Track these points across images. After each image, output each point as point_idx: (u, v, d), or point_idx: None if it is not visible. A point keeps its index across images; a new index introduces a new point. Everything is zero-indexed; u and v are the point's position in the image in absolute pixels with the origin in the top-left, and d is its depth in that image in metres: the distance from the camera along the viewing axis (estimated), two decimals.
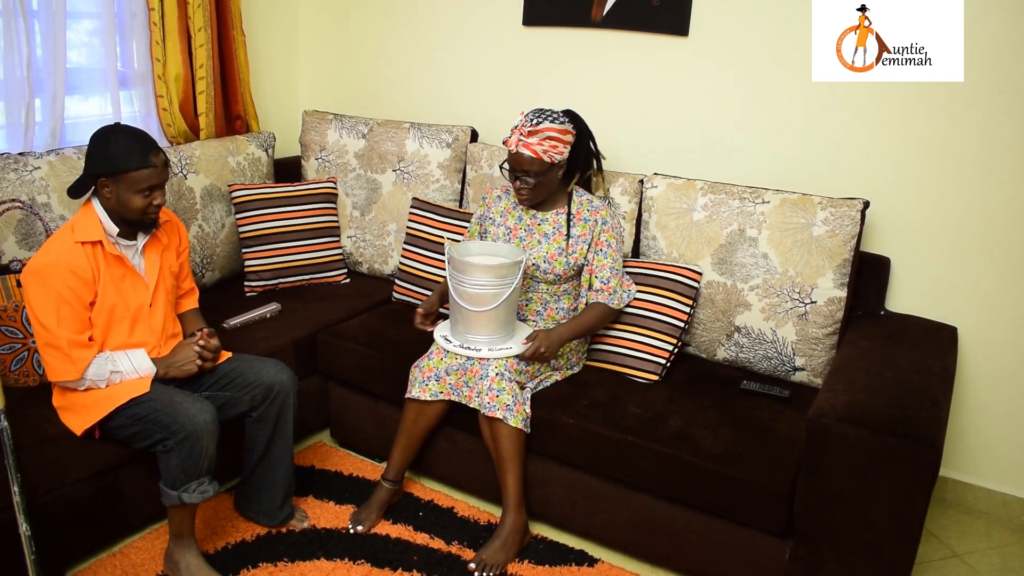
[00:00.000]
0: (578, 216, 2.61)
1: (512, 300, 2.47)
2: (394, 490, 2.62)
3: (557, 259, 2.60)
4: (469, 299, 2.45)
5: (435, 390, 2.51)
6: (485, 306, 2.43)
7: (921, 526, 1.95)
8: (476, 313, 2.45)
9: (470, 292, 2.44)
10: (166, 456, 2.11)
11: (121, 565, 2.31)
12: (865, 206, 2.50)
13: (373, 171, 3.35)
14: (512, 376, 2.42)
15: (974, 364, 2.69)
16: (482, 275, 2.42)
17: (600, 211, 2.61)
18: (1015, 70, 2.45)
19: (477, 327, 2.47)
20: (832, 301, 2.51)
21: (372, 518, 2.55)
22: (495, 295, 2.43)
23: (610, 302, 2.58)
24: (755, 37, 2.79)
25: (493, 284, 2.42)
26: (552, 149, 2.48)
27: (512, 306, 2.50)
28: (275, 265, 3.15)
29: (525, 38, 3.28)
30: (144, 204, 2.17)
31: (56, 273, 2.10)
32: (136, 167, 2.12)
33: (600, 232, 2.59)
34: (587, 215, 2.61)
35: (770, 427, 2.34)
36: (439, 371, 2.51)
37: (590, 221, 2.60)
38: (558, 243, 2.61)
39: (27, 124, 2.78)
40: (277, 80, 3.84)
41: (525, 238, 2.65)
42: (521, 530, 2.45)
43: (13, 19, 2.65)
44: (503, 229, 2.70)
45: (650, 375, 2.60)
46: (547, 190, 2.58)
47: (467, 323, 2.48)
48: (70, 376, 2.13)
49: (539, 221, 2.66)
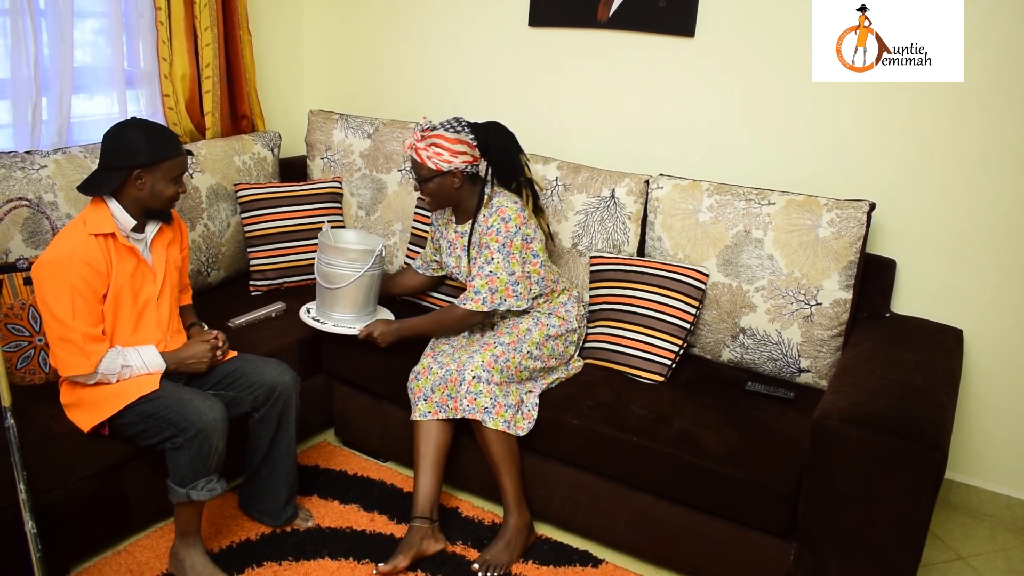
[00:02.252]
0: (484, 225, 2.56)
1: (363, 285, 2.68)
2: (425, 528, 2.39)
3: (463, 270, 2.66)
4: (324, 276, 2.71)
5: (424, 410, 2.50)
6: (335, 284, 2.67)
7: (926, 528, 1.95)
8: (329, 291, 2.70)
9: (323, 270, 2.69)
10: (175, 453, 2.12)
11: (126, 563, 2.31)
12: (871, 208, 2.50)
13: (378, 171, 3.35)
14: (490, 377, 2.40)
15: (979, 366, 2.69)
16: (334, 256, 2.68)
17: (492, 218, 2.54)
18: (1018, 70, 2.45)
19: (330, 304, 2.73)
20: (837, 303, 2.51)
21: (399, 561, 2.32)
22: (344, 276, 2.66)
23: (462, 303, 2.55)
24: (762, 38, 2.79)
25: (345, 266, 2.66)
26: (436, 156, 2.48)
27: (365, 291, 2.71)
28: (280, 264, 3.16)
29: (531, 38, 3.28)
30: (174, 192, 2.24)
31: (71, 265, 2.10)
32: (173, 155, 2.20)
33: (486, 238, 2.53)
34: (486, 224, 2.55)
35: (774, 428, 2.34)
36: (426, 391, 2.50)
37: (481, 228, 2.56)
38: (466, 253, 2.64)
39: (34, 123, 2.79)
40: (283, 80, 3.85)
41: (449, 251, 2.71)
42: (525, 529, 2.44)
43: (20, 18, 2.66)
44: (445, 242, 2.75)
45: (655, 376, 2.60)
46: (446, 198, 2.59)
47: (322, 299, 2.75)
48: (83, 370, 2.14)
49: (461, 234, 2.67)
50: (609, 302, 2.72)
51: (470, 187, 2.59)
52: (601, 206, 2.86)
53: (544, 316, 2.63)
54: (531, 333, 2.55)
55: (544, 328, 2.59)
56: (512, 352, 2.47)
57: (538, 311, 2.64)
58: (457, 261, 2.69)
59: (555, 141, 3.22)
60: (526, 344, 2.51)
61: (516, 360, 2.47)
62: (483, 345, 2.51)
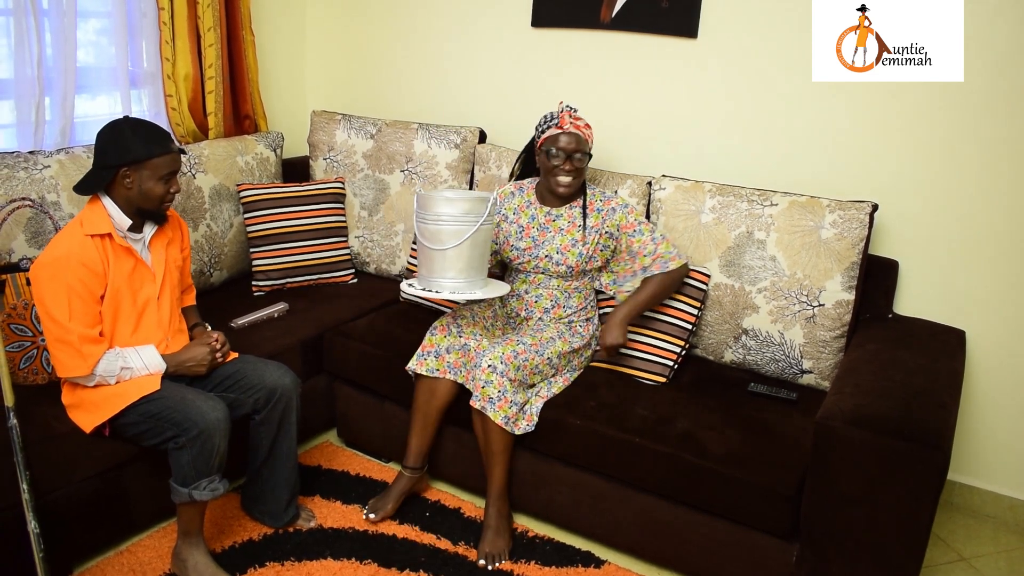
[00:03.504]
0: (591, 207, 2.61)
1: (478, 241, 2.37)
2: (415, 478, 2.62)
3: (571, 250, 2.59)
4: (430, 236, 2.36)
5: (432, 366, 2.52)
6: (444, 244, 2.34)
7: (928, 530, 1.95)
8: (438, 252, 2.35)
9: (431, 228, 2.35)
10: (177, 453, 2.12)
11: (128, 563, 2.32)
12: (874, 209, 2.49)
13: (381, 171, 3.35)
14: (505, 371, 2.40)
15: (982, 367, 2.68)
16: (443, 207, 2.33)
17: (613, 200, 2.63)
18: (1018, 71, 2.44)
19: (440, 270, 2.37)
20: (840, 304, 2.51)
21: (387, 508, 2.56)
22: (457, 232, 2.33)
23: (665, 267, 2.57)
24: (765, 39, 2.79)
25: (455, 219, 2.33)
26: (591, 137, 2.57)
27: (478, 249, 2.39)
28: (283, 265, 3.16)
29: (534, 39, 3.28)
30: (164, 191, 2.22)
31: (67, 266, 2.10)
32: (160, 153, 2.18)
33: (623, 217, 2.60)
34: (600, 205, 2.62)
35: (777, 429, 2.34)
36: (439, 348, 2.52)
37: (603, 211, 2.61)
38: (572, 235, 2.60)
39: (37, 123, 2.79)
40: (286, 80, 3.85)
41: (537, 237, 2.63)
42: (508, 516, 2.52)
43: (24, 18, 2.66)
44: (515, 227, 2.68)
45: (657, 377, 2.60)
46: (582, 178, 2.60)
47: (429, 265, 2.39)
48: (80, 372, 2.14)
49: (553, 217, 2.64)
50: (612, 305, 2.72)
51: None
52: None
53: (567, 332, 2.63)
54: (554, 343, 2.56)
55: (567, 342, 2.60)
56: (533, 353, 2.48)
57: (562, 325, 2.65)
58: (534, 241, 2.63)
59: None
60: (548, 351, 2.52)
61: (534, 362, 2.48)
62: (506, 339, 2.52)
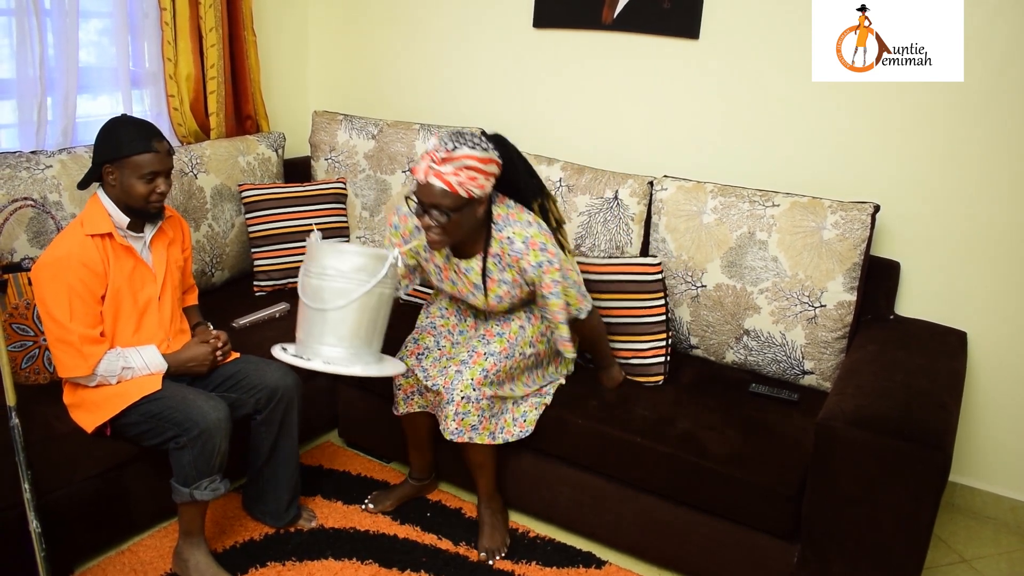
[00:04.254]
0: (503, 260, 2.26)
1: (368, 306, 2.03)
2: (420, 486, 2.68)
3: (498, 306, 2.37)
4: (311, 293, 2.04)
5: (403, 409, 2.51)
6: (325, 304, 2.02)
7: (930, 531, 1.95)
8: (317, 313, 2.03)
9: (312, 283, 2.04)
10: (178, 453, 2.12)
11: (130, 563, 2.32)
12: (875, 210, 2.49)
13: (383, 172, 3.35)
14: (481, 394, 2.30)
15: (983, 368, 2.68)
16: (331, 259, 2.02)
17: (527, 255, 2.21)
18: (1018, 71, 2.44)
19: (319, 335, 2.05)
20: (841, 305, 2.51)
21: (385, 505, 2.61)
22: (341, 291, 2.00)
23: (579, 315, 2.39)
24: (767, 40, 2.79)
25: (343, 276, 2.00)
26: (471, 182, 2.07)
27: (367, 315, 2.05)
28: (284, 265, 3.16)
29: (535, 40, 3.28)
30: (147, 191, 2.18)
31: (68, 266, 2.11)
32: (139, 151, 2.15)
33: (538, 279, 2.25)
34: (510, 260, 2.25)
35: (778, 430, 2.34)
36: (407, 394, 2.49)
37: (516, 267, 2.25)
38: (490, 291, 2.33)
39: (39, 123, 2.79)
40: (287, 80, 3.85)
41: (456, 282, 2.37)
42: (501, 511, 2.54)
43: (26, 18, 2.67)
44: (433, 266, 2.36)
45: (655, 377, 2.60)
46: (463, 231, 2.16)
47: (308, 327, 2.07)
48: (81, 372, 2.14)
49: (464, 270, 2.32)
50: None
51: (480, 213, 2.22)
52: (604, 207, 2.86)
53: (534, 314, 2.46)
54: (524, 332, 2.42)
55: (537, 323, 2.44)
56: (504, 360, 2.36)
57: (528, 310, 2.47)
58: (457, 291, 2.40)
59: (559, 142, 3.22)
60: (519, 346, 2.40)
61: (507, 367, 2.37)
62: (472, 354, 2.36)
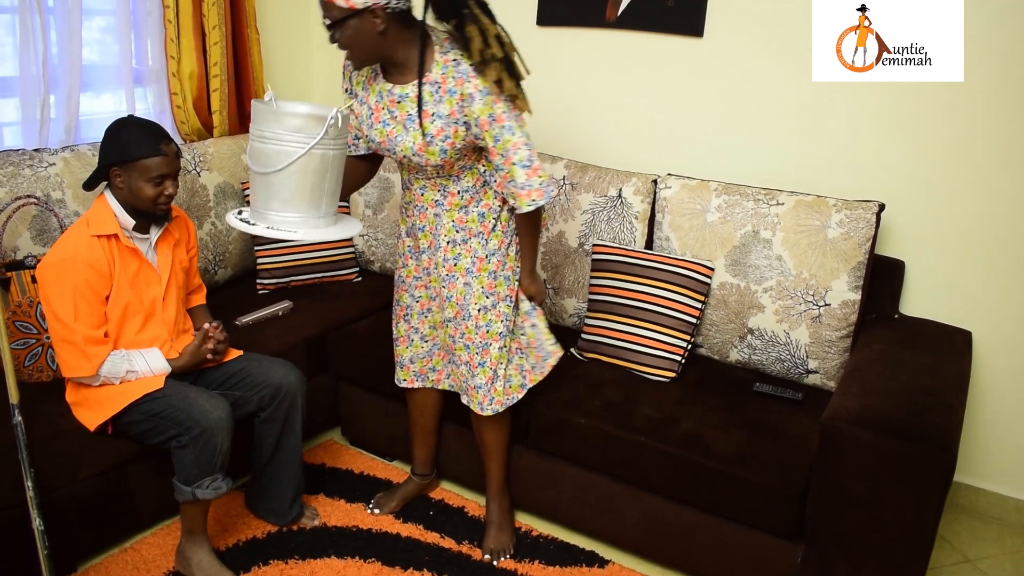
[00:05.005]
0: (443, 88, 2.00)
1: (310, 169, 1.92)
2: (423, 484, 2.67)
3: (427, 149, 2.05)
4: (254, 156, 1.95)
5: (400, 376, 2.50)
6: (266, 167, 1.92)
7: (934, 531, 1.94)
8: (260, 177, 1.95)
9: (255, 146, 1.95)
10: (180, 452, 2.12)
11: (133, 561, 2.32)
12: (880, 208, 2.49)
13: (385, 170, 3.35)
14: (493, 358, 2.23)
15: (988, 368, 2.67)
16: (269, 123, 1.92)
17: (472, 79, 1.96)
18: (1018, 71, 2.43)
19: (264, 199, 1.97)
20: (846, 304, 2.50)
21: (391, 506, 2.61)
22: (283, 153, 1.90)
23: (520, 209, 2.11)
24: (771, 38, 2.78)
25: (282, 139, 1.90)
26: None
27: (312, 178, 1.94)
28: (287, 263, 3.16)
29: (539, 38, 3.27)
30: (155, 193, 2.17)
31: (73, 267, 2.11)
32: (147, 155, 2.13)
33: (481, 111, 1.98)
34: (452, 85, 1.99)
35: (782, 430, 2.33)
36: (403, 359, 2.47)
37: (456, 93, 1.99)
38: (419, 131, 2.05)
39: (42, 120, 2.79)
40: (291, 78, 3.84)
41: (388, 122, 2.09)
42: (510, 510, 2.52)
43: (29, 16, 2.66)
44: (366, 108, 2.14)
45: (666, 372, 2.59)
46: (369, 49, 1.98)
47: (255, 192, 1.99)
48: (84, 372, 2.14)
49: (397, 98, 2.06)
50: (612, 294, 2.71)
51: (401, 32, 1.98)
52: (608, 205, 2.86)
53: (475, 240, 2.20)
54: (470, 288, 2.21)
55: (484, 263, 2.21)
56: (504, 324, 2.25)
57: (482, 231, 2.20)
58: (386, 134, 2.11)
59: (562, 140, 3.21)
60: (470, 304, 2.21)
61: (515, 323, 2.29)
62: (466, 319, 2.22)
